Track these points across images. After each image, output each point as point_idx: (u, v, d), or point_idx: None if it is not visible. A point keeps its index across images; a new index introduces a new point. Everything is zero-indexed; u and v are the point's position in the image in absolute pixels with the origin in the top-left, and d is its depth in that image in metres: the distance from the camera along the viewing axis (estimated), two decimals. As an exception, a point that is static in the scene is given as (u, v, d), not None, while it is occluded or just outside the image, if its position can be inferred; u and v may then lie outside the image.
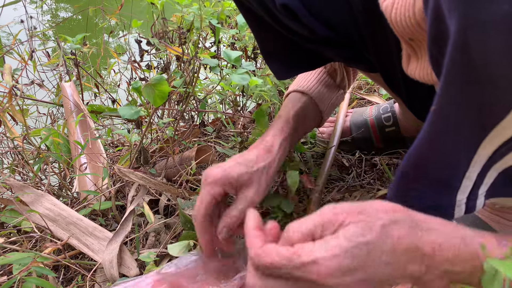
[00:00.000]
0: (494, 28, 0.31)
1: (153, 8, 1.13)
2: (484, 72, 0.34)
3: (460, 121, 0.39)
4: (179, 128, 1.15)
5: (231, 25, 1.36)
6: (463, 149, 0.42)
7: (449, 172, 0.44)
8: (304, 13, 0.58)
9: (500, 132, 0.37)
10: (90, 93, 1.42)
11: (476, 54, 0.33)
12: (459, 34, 0.33)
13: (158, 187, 0.82)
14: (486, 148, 0.40)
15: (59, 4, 3.69)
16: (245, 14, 0.69)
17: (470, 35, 0.32)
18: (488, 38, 0.31)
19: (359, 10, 0.57)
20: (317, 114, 0.83)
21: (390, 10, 0.47)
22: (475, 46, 0.33)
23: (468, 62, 0.34)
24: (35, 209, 0.82)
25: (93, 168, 1.00)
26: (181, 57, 1.06)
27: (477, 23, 0.31)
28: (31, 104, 1.22)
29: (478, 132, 0.39)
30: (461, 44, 0.33)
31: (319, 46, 0.63)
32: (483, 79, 0.34)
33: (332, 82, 0.84)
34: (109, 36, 1.50)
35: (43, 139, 0.96)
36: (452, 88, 0.37)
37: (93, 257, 0.76)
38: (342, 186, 0.92)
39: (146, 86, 0.74)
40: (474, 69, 0.34)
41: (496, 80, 0.34)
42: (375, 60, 0.63)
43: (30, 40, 1.22)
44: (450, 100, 0.38)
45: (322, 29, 0.59)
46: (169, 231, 0.82)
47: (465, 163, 0.43)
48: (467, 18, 0.32)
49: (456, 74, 0.36)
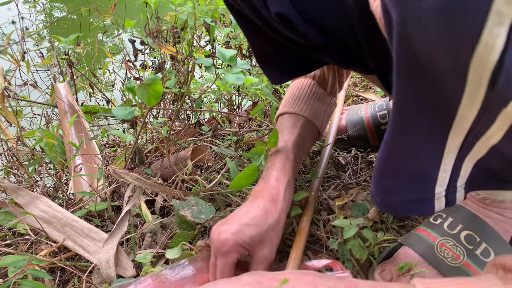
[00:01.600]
0: (425, 22, 0.31)
1: (147, 7, 1.12)
2: (427, 65, 0.35)
3: (418, 114, 0.41)
4: (174, 127, 1.14)
5: (226, 23, 1.35)
6: (431, 142, 0.42)
7: (421, 166, 0.45)
8: (300, 21, 0.57)
9: (460, 121, 0.38)
10: (84, 93, 1.41)
11: (417, 48, 0.34)
12: (400, 30, 0.34)
13: (154, 187, 0.81)
14: (454, 139, 0.41)
15: (53, 3, 3.67)
16: (238, 19, 0.68)
17: (409, 31, 0.33)
18: (424, 32, 0.32)
19: (354, 16, 0.57)
20: (315, 131, 0.82)
21: (379, 11, 0.47)
22: (416, 40, 0.33)
23: (413, 56, 0.35)
24: (30, 211, 0.81)
25: (89, 169, 0.99)
26: (175, 56, 1.06)
27: (413, 18, 0.32)
28: (25, 105, 1.21)
29: (441, 124, 0.40)
30: (404, 39, 0.34)
31: (314, 52, 0.63)
32: (428, 71, 0.35)
33: (323, 92, 0.83)
34: (103, 35, 1.49)
35: (37, 141, 0.96)
36: (403, 82, 0.38)
37: (89, 258, 0.75)
38: (339, 184, 0.91)
39: (140, 86, 0.73)
40: (419, 63, 0.35)
41: (439, 72, 0.34)
42: (372, 63, 0.62)
43: (22, 41, 1.21)
44: (404, 94, 0.39)
45: (318, 36, 0.59)
46: (166, 232, 0.82)
47: (438, 156, 0.43)
48: (404, 14, 0.33)
49: (404, 67, 0.37)
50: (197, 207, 0.77)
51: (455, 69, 0.33)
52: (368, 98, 1.32)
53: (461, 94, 0.35)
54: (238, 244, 0.59)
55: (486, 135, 0.38)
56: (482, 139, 0.39)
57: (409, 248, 0.65)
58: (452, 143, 0.41)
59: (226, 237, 0.59)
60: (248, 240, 0.59)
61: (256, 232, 0.60)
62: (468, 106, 0.35)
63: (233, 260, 0.59)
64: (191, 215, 0.75)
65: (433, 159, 0.44)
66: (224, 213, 0.83)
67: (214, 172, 1.00)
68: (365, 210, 0.75)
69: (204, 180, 0.92)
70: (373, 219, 0.75)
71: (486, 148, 0.40)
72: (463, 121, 0.38)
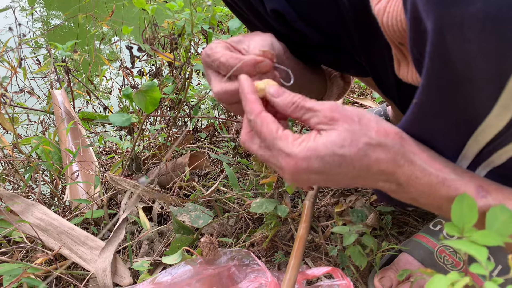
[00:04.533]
0: (469, 27, 0.31)
1: (144, 14, 1.13)
2: (462, 71, 0.34)
3: (439, 118, 0.40)
4: (171, 134, 1.14)
5: (223, 30, 1.36)
6: (447, 145, 0.43)
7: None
8: (295, 18, 0.57)
9: (486, 129, 0.38)
10: (81, 100, 1.41)
11: (453, 54, 0.33)
12: (436, 35, 0.33)
13: (151, 194, 0.81)
14: (473, 146, 0.40)
15: (51, 11, 3.67)
16: (238, 18, 0.69)
17: (447, 35, 0.33)
18: (464, 38, 0.32)
19: (349, 16, 0.57)
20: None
21: (382, 14, 0.47)
22: (452, 46, 0.33)
23: (446, 62, 0.34)
24: (25, 218, 0.80)
25: (85, 176, 0.98)
26: (172, 63, 1.06)
27: (453, 23, 0.32)
28: (22, 112, 1.20)
29: (462, 130, 0.40)
30: (439, 44, 0.34)
31: (310, 50, 0.63)
32: (462, 78, 0.35)
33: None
34: (100, 42, 1.49)
35: (33, 148, 0.95)
36: (431, 85, 0.38)
37: (85, 266, 0.74)
38: (337, 191, 0.91)
39: (137, 93, 0.73)
40: (453, 68, 0.35)
41: (474, 79, 0.34)
42: (367, 65, 0.63)
43: (19, 48, 1.21)
44: (430, 97, 0.39)
45: (313, 33, 0.59)
46: (163, 239, 0.81)
47: (452, 159, 0.43)
48: (443, 19, 0.32)
49: (436, 73, 0.36)
50: (195, 213, 0.76)
51: (494, 76, 0.33)
52: (366, 104, 1.32)
53: (494, 102, 0.34)
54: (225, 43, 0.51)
55: (511, 144, 0.38)
56: (504, 149, 0.38)
57: (409, 255, 0.64)
58: (470, 150, 0.41)
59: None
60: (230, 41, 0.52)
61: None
62: (500, 114, 0.35)
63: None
64: (189, 220, 0.75)
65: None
66: (222, 219, 0.82)
67: (212, 179, 1.00)
68: (364, 217, 0.75)
69: (202, 186, 0.91)
70: (372, 225, 0.74)
71: (506, 157, 0.39)
72: (488, 129, 0.37)
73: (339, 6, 0.57)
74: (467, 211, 0.36)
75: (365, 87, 1.45)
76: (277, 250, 0.77)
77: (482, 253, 0.33)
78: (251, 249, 0.78)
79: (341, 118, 0.40)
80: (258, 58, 0.46)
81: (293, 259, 0.66)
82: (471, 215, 0.36)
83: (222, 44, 0.50)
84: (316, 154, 0.40)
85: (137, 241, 0.81)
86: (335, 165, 0.40)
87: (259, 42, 0.50)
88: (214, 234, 0.80)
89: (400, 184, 0.42)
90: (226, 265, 0.63)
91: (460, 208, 0.36)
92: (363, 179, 0.42)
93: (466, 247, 0.33)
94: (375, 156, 0.40)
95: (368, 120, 0.42)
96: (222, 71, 0.48)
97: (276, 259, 0.75)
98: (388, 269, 0.65)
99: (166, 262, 0.68)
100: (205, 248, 0.65)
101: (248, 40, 0.51)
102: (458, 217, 0.36)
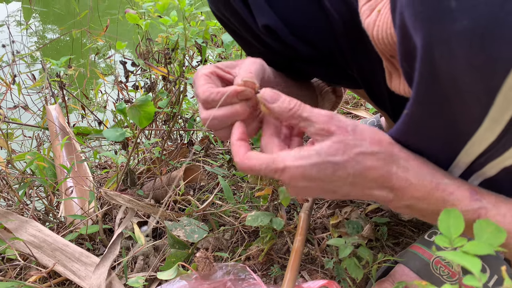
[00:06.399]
0: (457, 44, 0.31)
1: (138, 29, 1.13)
2: (451, 87, 0.35)
3: (429, 132, 0.41)
4: (166, 147, 1.14)
5: (217, 43, 1.37)
6: (439, 157, 0.43)
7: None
8: (286, 34, 0.58)
9: (476, 142, 0.38)
10: (76, 114, 1.41)
11: (442, 70, 0.34)
12: (425, 51, 0.34)
13: (146, 209, 0.80)
14: (464, 158, 0.41)
15: (46, 25, 3.69)
16: (231, 34, 0.69)
17: (435, 52, 0.33)
18: (452, 54, 0.32)
19: (340, 30, 0.58)
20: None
21: (372, 28, 0.47)
22: (441, 62, 0.33)
23: (435, 78, 0.35)
24: (19, 235, 0.80)
25: (80, 191, 0.98)
26: (167, 77, 1.06)
27: (441, 40, 0.32)
28: (16, 128, 1.20)
29: (452, 144, 0.40)
30: (428, 61, 0.34)
31: (302, 64, 0.64)
32: (451, 94, 0.35)
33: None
34: (95, 56, 1.49)
35: (27, 164, 0.95)
36: (422, 101, 0.38)
37: (79, 283, 0.74)
38: (332, 202, 0.91)
39: (131, 108, 0.73)
40: (442, 84, 0.35)
41: (463, 95, 0.34)
42: (359, 77, 0.63)
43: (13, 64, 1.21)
44: (421, 111, 0.39)
45: (304, 48, 0.60)
46: (158, 254, 0.80)
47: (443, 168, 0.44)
48: (431, 36, 0.33)
49: (425, 88, 0.37)
50: (189, 227, 0.76)
51: (483, 92, 0.33)
52: (359, 115, 1.32)
53: (483, 116, 0.35)
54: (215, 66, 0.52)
55: (502, 157, 0.38)
56: (496, 161, 0.39)
57: (405, 266, 0.64)
58: (462, 161, 0.41)
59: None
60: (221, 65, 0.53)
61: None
62: (490, 128, 0.35)
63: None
64: (184, 234, 0.74)
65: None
66: (218, 233, 0.82)
67: (207, 192, 0.99)
68: (359, 228, 0.75)
69: (197, 200, 0.91)
70: (368, 237, 0.74)
71: (498, 168, 0.40)
72: (479, 142, 0.38)
73: (330, 21, 0.58)
74: (454, 221, 0.36)
75: (358, 98, 1.46)
76: (273, 263, 0.76)
77: (475, 265, 0.33)
78: (247, 263, 0.77)
79: (336, 130, 0.42)
80: (238, 88, 0.47)
81: (289, 273, 0.65)
82: (458, 225, 0.36)
83: (209, 70, 0.50)
84: (310, 162, 0.41)
85: (132, 256, 0.80)
86: (329, 172, 0.41)
87: (247, 68, 0.50)
88: (209, 249, 0.80)
89: (395, 189, 0.43)
90: (222, 280, 0.62)
91: (447, 218, 0.36)
92: (360, 187, 0.43)
93: (459, 258, 0.33)
94: (369, 164, 0.41)
95: (361, 130, 0.43)
96: (206, 106, 0.49)
97: (272, 273, 0.74)
98: (384, 281, 0.65)
99: (161, 278, 0.67)
100: (201, 263, 0.64)
101: (239, 65, 0.53)
102: (445, 228, 0.36)
